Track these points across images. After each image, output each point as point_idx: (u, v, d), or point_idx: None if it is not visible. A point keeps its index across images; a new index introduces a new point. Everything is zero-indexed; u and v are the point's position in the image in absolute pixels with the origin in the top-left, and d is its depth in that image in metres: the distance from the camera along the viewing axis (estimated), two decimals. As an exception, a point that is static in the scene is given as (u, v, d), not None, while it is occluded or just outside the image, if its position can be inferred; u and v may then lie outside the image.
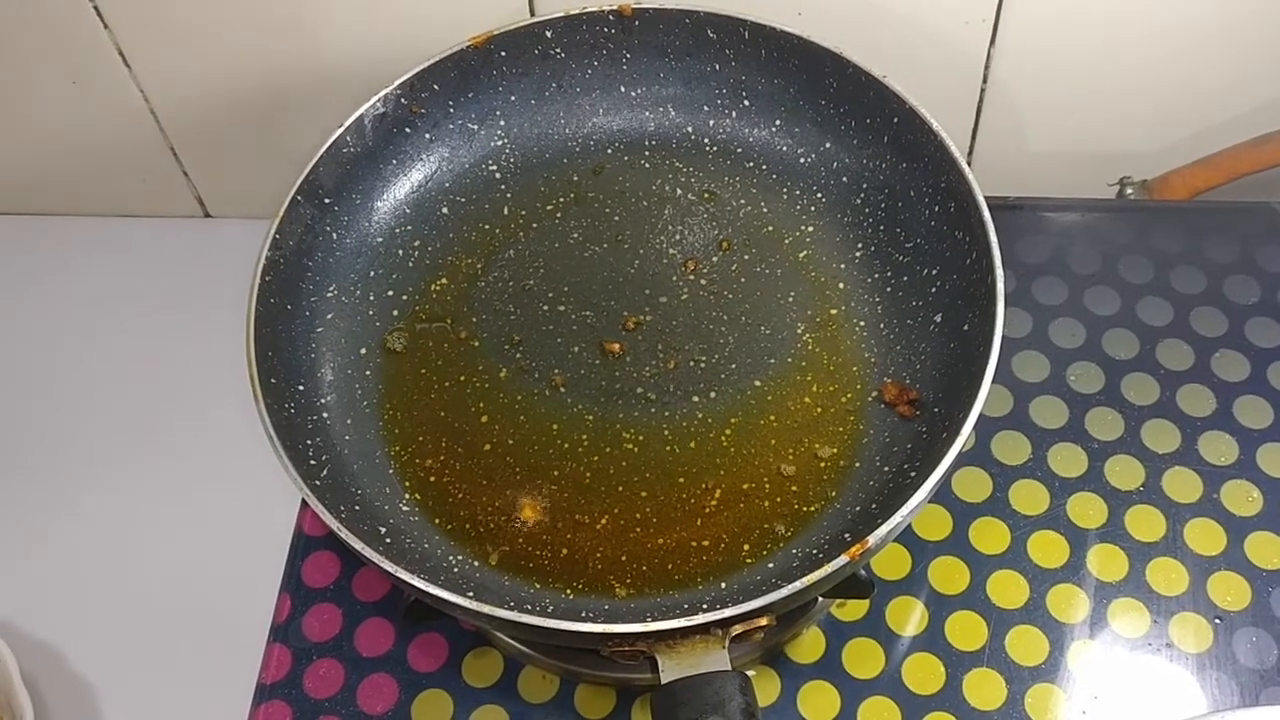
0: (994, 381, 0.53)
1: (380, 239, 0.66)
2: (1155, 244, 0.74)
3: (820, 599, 0.60)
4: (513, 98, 0.68)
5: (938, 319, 0.60)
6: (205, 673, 0.67)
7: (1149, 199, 0.78)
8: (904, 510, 0.50)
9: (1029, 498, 0.65)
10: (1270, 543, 0.63)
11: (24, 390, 0.82)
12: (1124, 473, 0.65)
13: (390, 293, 0.65)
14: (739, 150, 0.68)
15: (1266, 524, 0.63)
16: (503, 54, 0.67)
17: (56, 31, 0.77)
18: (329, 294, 0.63)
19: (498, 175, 0.68)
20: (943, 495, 0.65)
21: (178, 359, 0.82)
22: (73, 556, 0.74)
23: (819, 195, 0.66)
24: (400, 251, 0.66)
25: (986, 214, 0.57)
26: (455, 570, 0.56)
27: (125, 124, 0.83)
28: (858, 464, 0.58)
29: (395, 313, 0.64)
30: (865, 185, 0.65)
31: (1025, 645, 0.61)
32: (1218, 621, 0.61)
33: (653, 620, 0.48)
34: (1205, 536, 0.63)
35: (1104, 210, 0.77)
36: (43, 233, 0.90)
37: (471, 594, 0.50)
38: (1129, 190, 0.79)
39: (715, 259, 0.65)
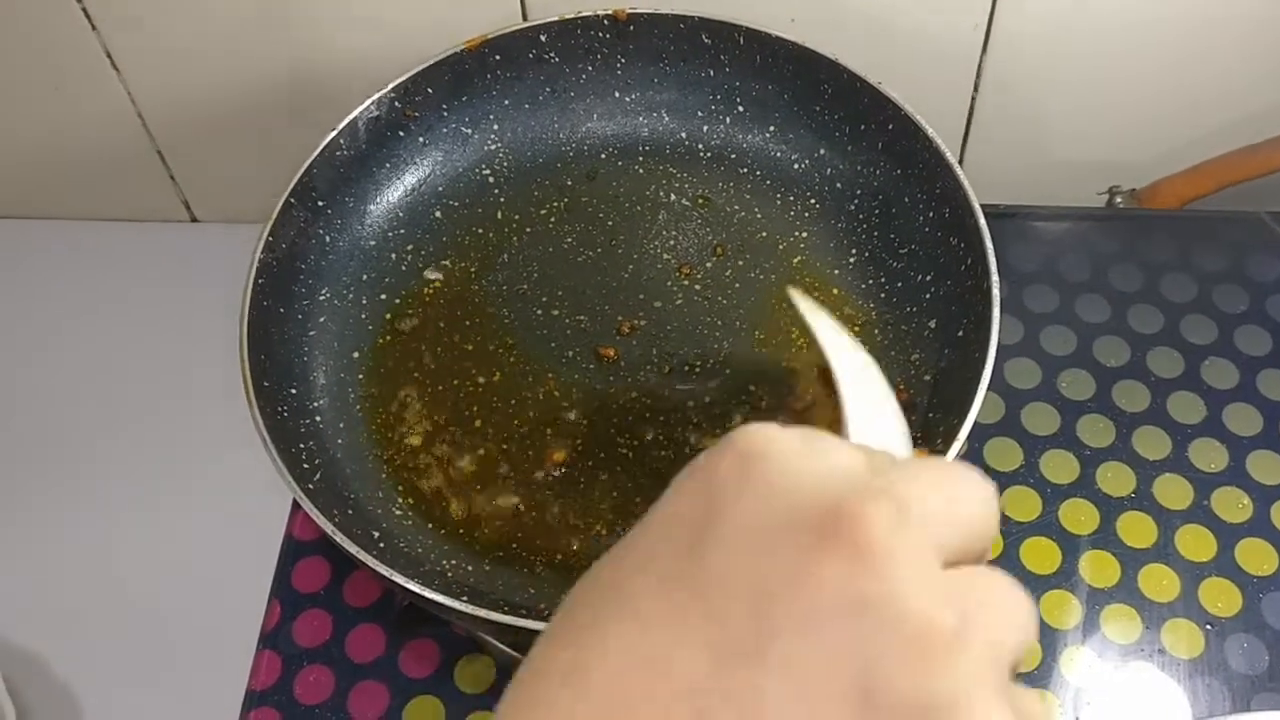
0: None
1: (373, 242, 0.65)
2: (1145, 253, 0.74)
3: (814, 605, 0.60)
4: (506, 102, 0.68)
5: (932, 325, 0.60)
6: (193, 679, 0.66)
7: (1139, 208, 0.78)
8: (901, 515, 0.50)
9: (1021, 504, 0.65)
10: (1260, 549, 0.63)
11: (10, 395, 0.81)
12: (1115, 479, 0.66)
13: (383, 296, 0.64)
14: (733, 156, 0.68)
15: (1257, 530, 0.64)
16: (496, 58, 0.66)
17: (42, 32, 0.76)
18: (321, 297, 0.63)
19: (491, 179, 0.68)
20: (935, 501, 0.65)
21: (165, 364, 0.81)
22: (59, 562, 0.73)
23: (813, 201, 0.66)
24: (393, 255, 0.66)
25: (982, 220, 0.57)
26: (449, 574, 0.55)
27: (112, 127, 0.83)
28: (853, 469, 0.58)
29: (388, 316, 0.64)
30: (859, 191, 0.65)
31: (1018, 651, 0.61)
32: (1209, 628, 0.61)
33: (650, 625, 0.48)
34: (1196, 543, 0.63)
35: (1094, 219, 0.77)
36: (29, 237, 0.89)
37: (466, 598, 0.49)
38: (1119, 199, 0.79)
39: (709, 264, 0.65)
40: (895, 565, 0.26)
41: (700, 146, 0.69)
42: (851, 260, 0.64)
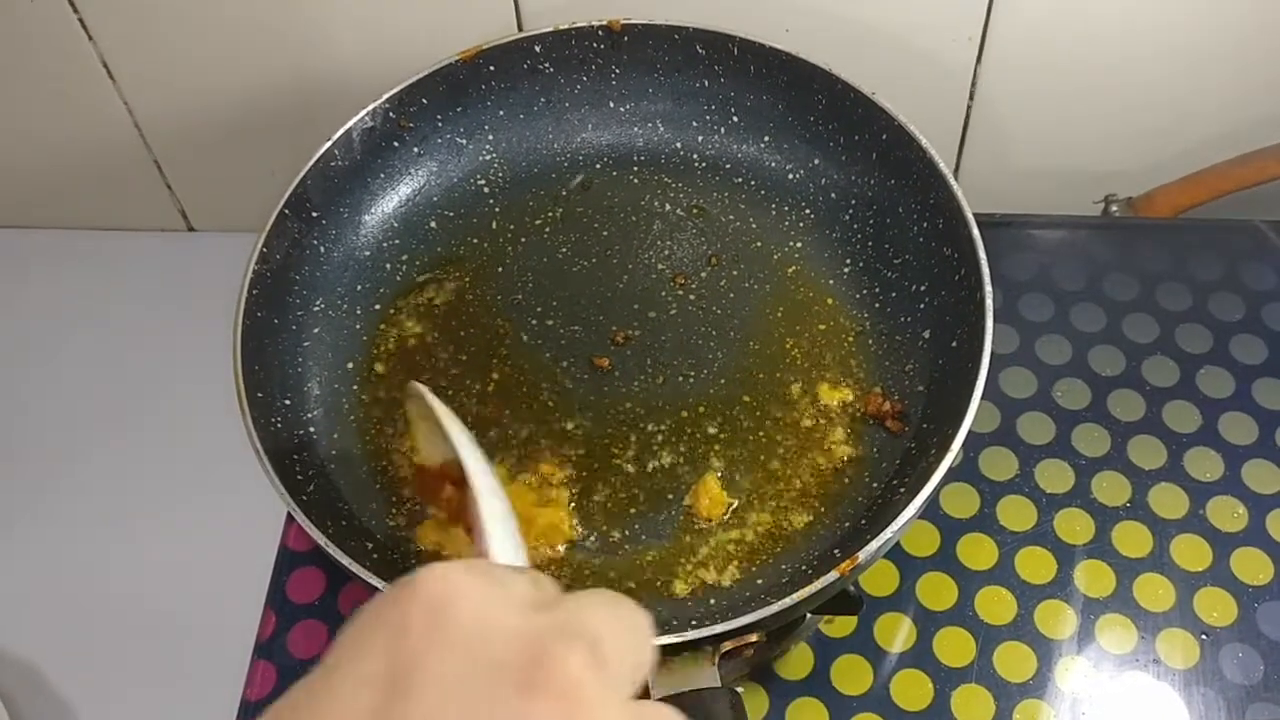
0: (981, 398, 0.53)
1: (368, 253, 0.65)
2: (1140, 261, 0.74)
3: (809, 615, 0.60)
4: (501, 112, 0.68)
5: (926, 335, 0.60)
6: (188, 689, 0.66)
7: (1134, 216, 0.79)
8: (894, 526, 0.50)
9: (1016, 514, 0.65)
10: (1256, 558, 0.63)
11: (5, 403, 0.81)
12: (1110, 489, 0.66)
13: (377, 306, 0.64)
14: (728, 166, 0.68)
15: (1252, 540, 0.64)
16: (491, 68, 0.66)
17: (40, 44, 0.76)
18: (316, 308, 0.63)
19: (486, 190, 0.68)
20: (930, 511, 0.65)
21: (160, 373, 0.81)
22: (53, 571, 0.73)
23: (807, 211, 0.66)
24: (388, 265, 0.66)
25: (975, 231, 0.57)
26: (443, 586, 0.55)
27: (109, 137, 0.83)
28: (846, 480, 0.58)
29: (382, 326, 0.64)
30: (854, 201, 0.65)
31: (1013, 661, 0.61)
32: (1204, 637, 0.61)
33: (643, 637, 0.48)
34: (1191, 552, 0.64)
35: (1089, 227, 0.77)
36: (25, 245, 0.90)
37: (460, 610, 0.49)
38: (1114, 208, 0.79)
39: (704, 274, 0.65)
40: (603, 711, 0.27)
41: (695, 157, 0.69)
42: (846, 270, 0.64)
